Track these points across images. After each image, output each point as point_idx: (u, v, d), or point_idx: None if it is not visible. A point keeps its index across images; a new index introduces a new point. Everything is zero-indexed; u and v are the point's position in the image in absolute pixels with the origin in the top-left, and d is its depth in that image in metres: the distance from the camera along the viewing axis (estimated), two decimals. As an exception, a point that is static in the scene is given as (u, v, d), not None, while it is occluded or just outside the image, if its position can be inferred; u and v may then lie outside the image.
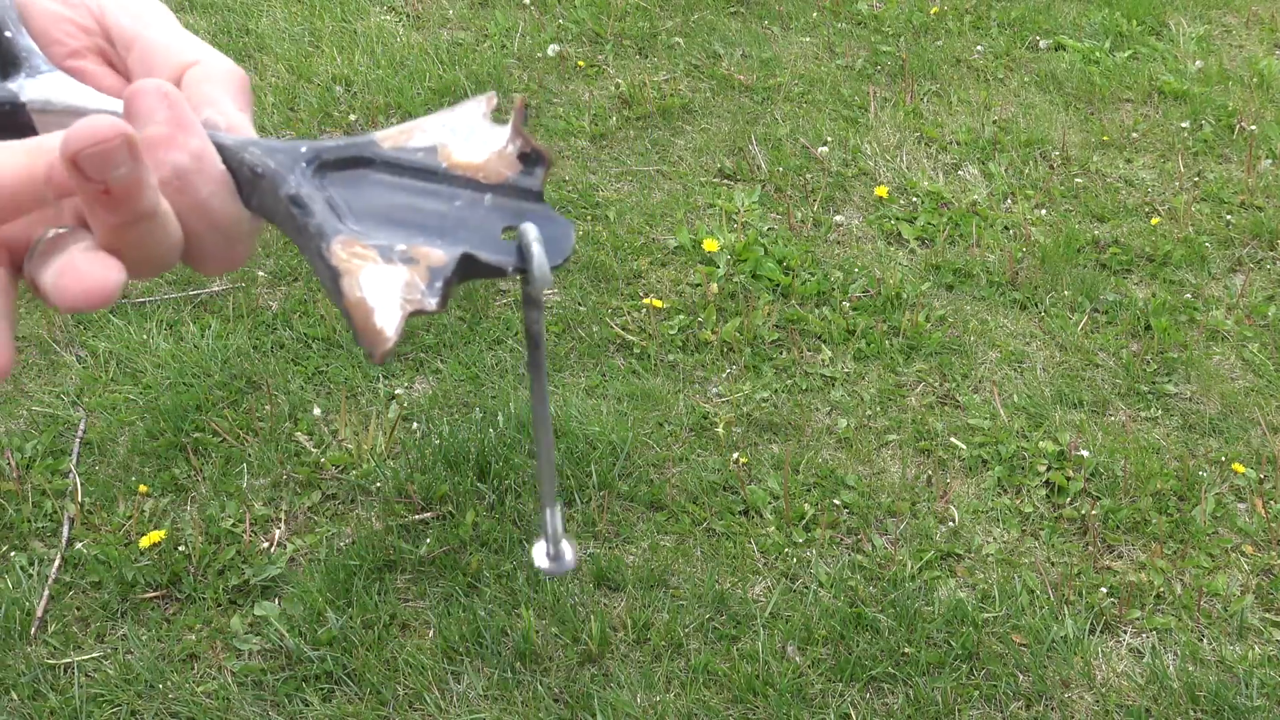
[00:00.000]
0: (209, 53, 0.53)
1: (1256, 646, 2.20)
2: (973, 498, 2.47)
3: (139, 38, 0.54)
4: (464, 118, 0.52)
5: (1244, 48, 4.34)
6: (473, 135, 0.51)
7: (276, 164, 0.50)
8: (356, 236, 0.48)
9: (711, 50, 4.08)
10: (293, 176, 0.49)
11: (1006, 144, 3.66)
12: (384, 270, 0.47)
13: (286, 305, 2.89)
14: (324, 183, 0.50)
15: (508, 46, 4.04)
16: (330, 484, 2.44)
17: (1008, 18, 4.43)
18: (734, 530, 2.37)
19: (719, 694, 2.07)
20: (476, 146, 0.51)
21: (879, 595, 2.25)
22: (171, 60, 0.53)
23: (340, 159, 0.51)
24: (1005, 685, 2.11)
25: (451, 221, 0.50)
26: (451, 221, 0.50)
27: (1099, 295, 3.05)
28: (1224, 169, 3.61)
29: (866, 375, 2.78)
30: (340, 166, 0.51)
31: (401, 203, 0.50)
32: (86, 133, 0.43)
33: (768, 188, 3.42)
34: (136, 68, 0.54)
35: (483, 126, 0.51)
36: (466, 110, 0.52)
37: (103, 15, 0.54)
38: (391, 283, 0.46)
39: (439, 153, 0.51)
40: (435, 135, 0.51)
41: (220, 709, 2.02)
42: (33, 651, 2.10)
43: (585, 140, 3.60)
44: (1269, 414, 2.71)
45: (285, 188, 0.49)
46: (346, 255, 0.47)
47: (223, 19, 4.10)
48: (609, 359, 2.79)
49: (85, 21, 0.55)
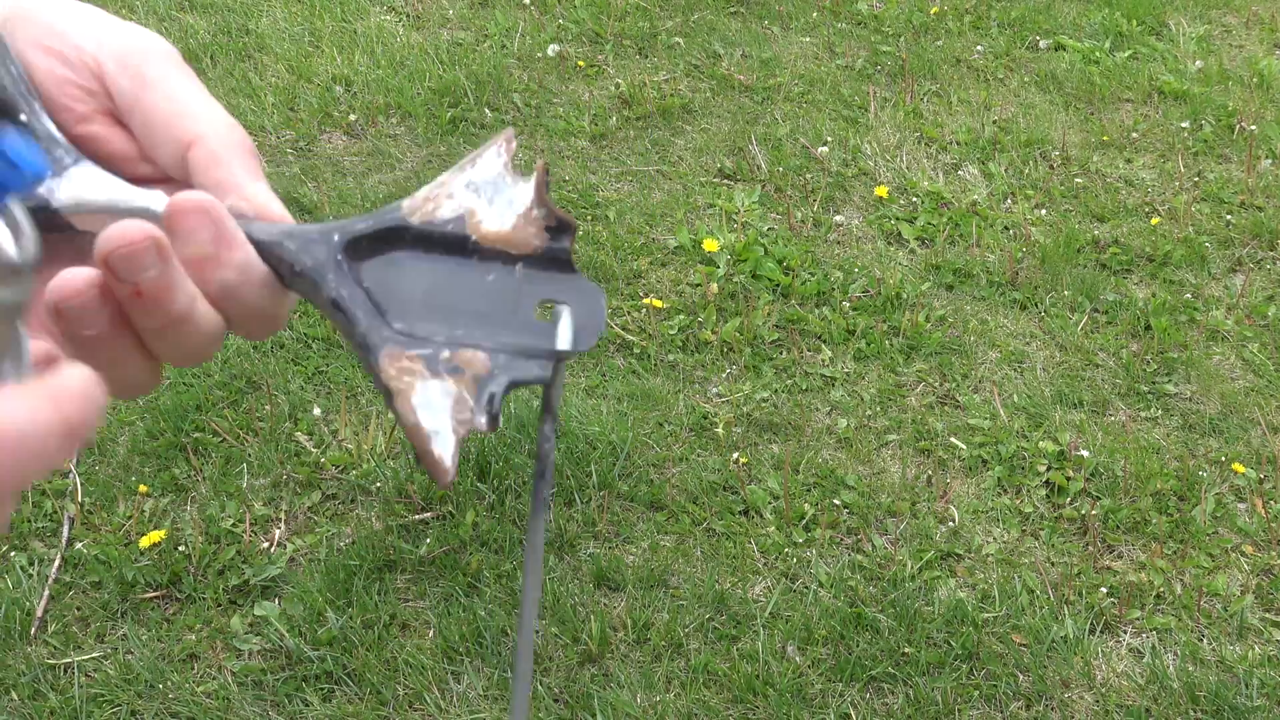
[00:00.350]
0: (212, 118, 0.52)
1: (1256, 646, 2.20)
2: (973, 498, 2.48)
3: (139, 103, 0.52)
4: (486, 172, 0.52)
5: (1244, 48, 4.34)
6: (498, 196, 0.52)
7: (314, 260, 0.50)
8: (402, 345, 0.49)
9: (711, 50, 4.08)
10: (331, 275, 0.50)
11: (1006, 144, 3.66)
12: (433, 388, 0.49)
13: (286, 305, 2.89)
14: (360, 271, 0.51)
15: (508, 46, 4.04)
16: (330, 484, 2.44)
17: (1008, 18, 4.43)
18: (734, 530, 2.37)
19: (719, 694, 2.07)
20: (503, 211, 0.52)
21: (879, 595, 2.25)
22: (174, 134, 0.51)
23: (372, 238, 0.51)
24: (1005, 685, 2.11)
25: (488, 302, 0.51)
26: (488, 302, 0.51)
27: (1099, 295, 3.05)
28: (1224, 169, 3.61)
29: (866, 375, 2.78)
30: (373, 247, 0.51)
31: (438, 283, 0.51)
32: (117, 236, 0.45)
33: (768, 188, 3.42)
34: (141, 136, 0.53)
35: (506, 183, 0.52)
36: (488, 162, 0.52)
37: (102, 75, 0.53)
38: (443, 402, 0.48)
39: (467, 222, 0.51)
40: (461, 199, 0.52)
41: (220, 709, 2.02)
42: (33, 651, 2.10)
43: (585, 140, 3.60)
44: (1269, 414, 2.71)
45: (325, 289, 0.50)
46: (395, 372, 0.49)
47: (223, 19, 4.10)
48: (609, 359, 2.79)
49: (88, 82, 0.53)
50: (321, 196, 3.24)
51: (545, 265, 0.52)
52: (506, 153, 0.52)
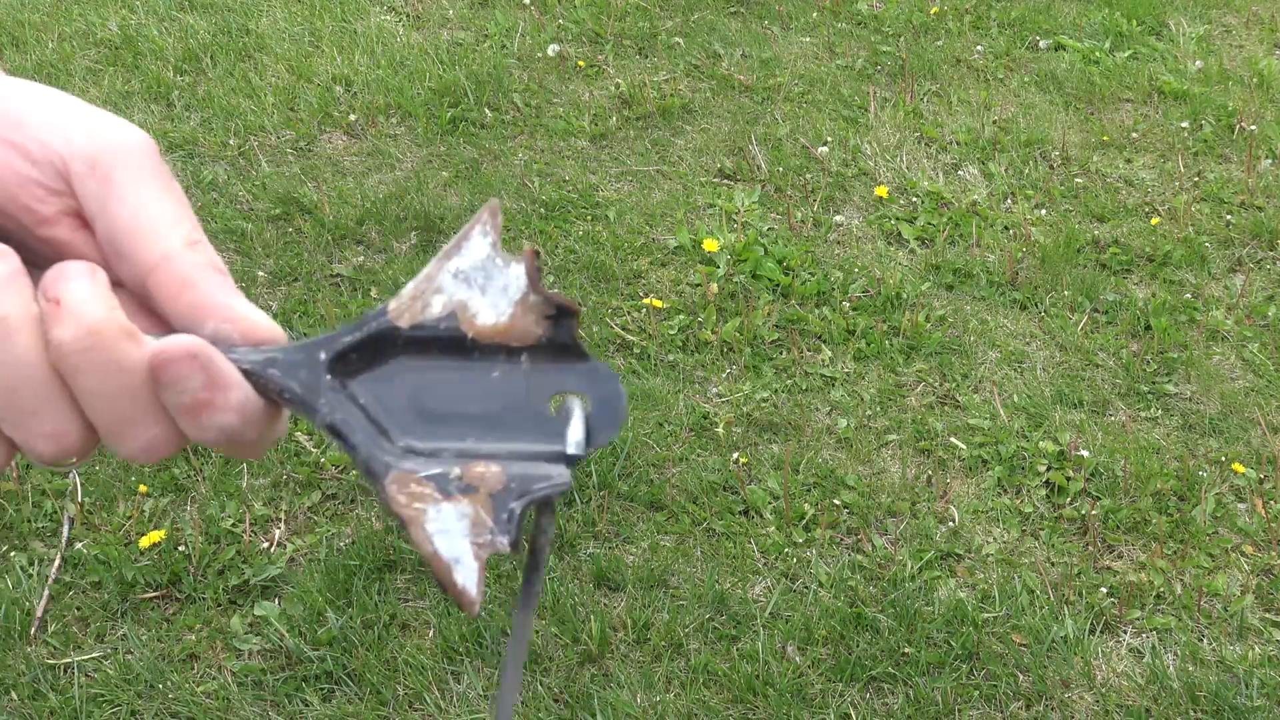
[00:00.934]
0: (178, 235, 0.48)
1: (1256, 646, 2.20)
2: (973, 498, 2.48)
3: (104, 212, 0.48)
4: (473, 257, 0.48)
5: (1244, 48, 4.34)
6: (490, 284, 0.48)
7: (301, 386, 0.48)
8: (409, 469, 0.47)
9: (711, 50, 4.08)
10: (322, 400, 0.48)
11: (1006, 144, 3.67)
12: (447, 512, 0.46)
13: (286, 305, 2.89)
14: (353, 387, 0.48)
15: (508, 46, 4.04)
16: (330, 484, 2.44)
17: (1008, 18, 4.43)
18: (734, 530, 2.37)
19: (719, 694, 2.07)
20: (497, 301, 0.48)
21: (879, 595, 2.25)
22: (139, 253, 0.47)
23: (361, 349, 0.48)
24: (1005, 685, 2.11)
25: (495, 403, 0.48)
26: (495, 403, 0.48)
27: (1099, 295, 3.05)
28: (1224, 169, 3.61)
29: (866, 375, 2.78)
30: (364, 358, 0.48)
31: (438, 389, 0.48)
32: None
33: (768, 188, 3.42)
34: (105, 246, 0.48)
35: (497, 267, 0.48)
36: (474, 246, 0.48)
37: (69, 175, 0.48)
38: (459, 526, 0.46)
39: (460, 318, 0.48)
40: (450, 292, 0.48)
41: (220, 709, 2.02)
42: (33, 651, 2.10)
43: (585, 140, 3.60)
44: (1269, 414, 2.71)
45: (319, 417, 0.48)
46: (405, 499, 0.47)
47: (223, 19, 4.10)
48: (609, 359, 2.79)
49: (52, 182, 0.48)
50: (321, 196, 3.24)
51: (553, 354, 0.49)
52: (493, 231, 0.48)
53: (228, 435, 0.47)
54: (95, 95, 3.66)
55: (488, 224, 0.48)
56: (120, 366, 0.45)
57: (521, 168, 3.45)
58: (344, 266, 3.03)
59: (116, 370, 0.45)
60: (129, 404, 0.46)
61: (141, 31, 3.98)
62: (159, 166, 0.49)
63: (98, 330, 0.44)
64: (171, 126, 3.53)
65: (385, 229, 3.16)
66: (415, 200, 3.26)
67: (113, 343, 0.45)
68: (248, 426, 0.47)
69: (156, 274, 0.47)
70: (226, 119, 3.58)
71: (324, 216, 3.18)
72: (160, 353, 0.45)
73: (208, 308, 0.47)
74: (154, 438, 0.47)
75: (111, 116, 0.49)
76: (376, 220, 3.18)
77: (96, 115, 0.49)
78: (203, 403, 0.46)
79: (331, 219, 3.17)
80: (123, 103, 3.63)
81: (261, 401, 0.48)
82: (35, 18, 4.05)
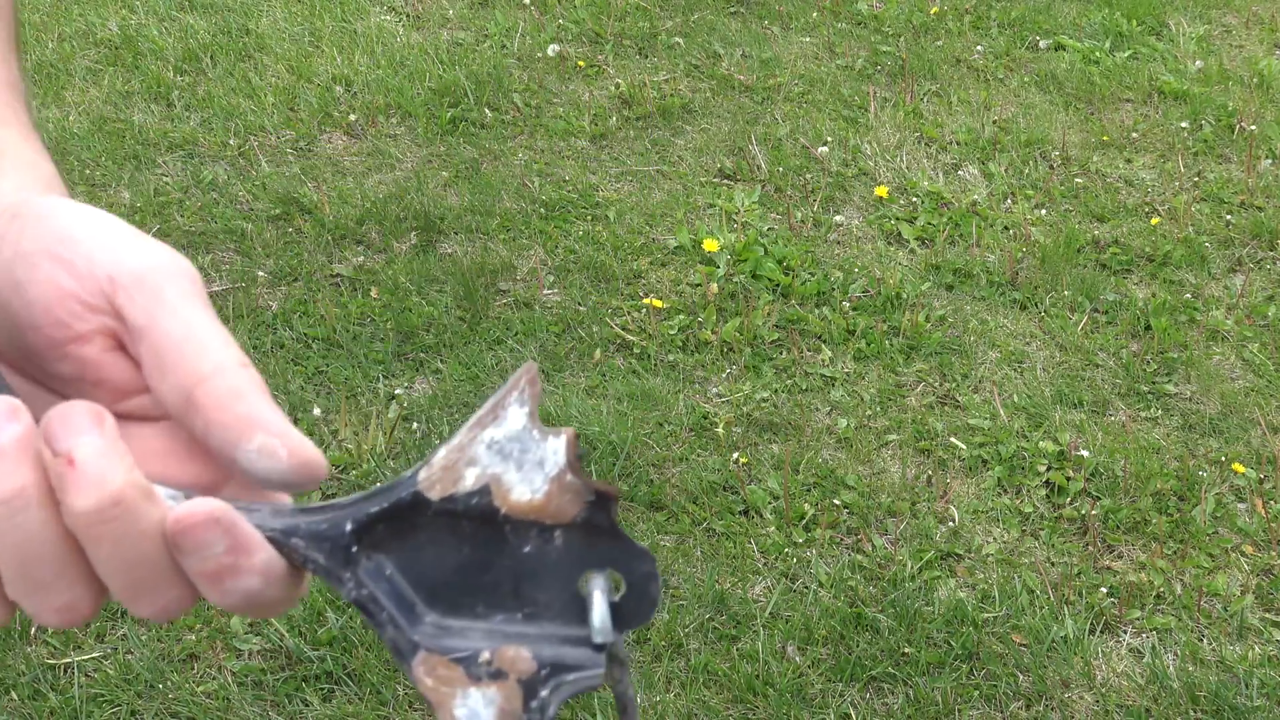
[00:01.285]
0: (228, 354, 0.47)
1: (1256, 646, 2.20)
2: (973, 498, 2.48)
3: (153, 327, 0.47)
4: (509, 429, 0.46)
5: (1244, 48, 4.34)
6: (525, 458, 0.46)
7: (326, 558, 0.46)
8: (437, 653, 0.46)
9: (711, 50, 4.08)
10: (348, 575, 0.46)
11: (1006, 144, 3.67)
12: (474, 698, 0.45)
13: (286, 305, 2.89)
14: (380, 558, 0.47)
15: (508, 46, 4.04)
16: (330, 484, 2.44)
17: (1008, 18, 4.43)
18: (734, 530, 2.37)
19: (719, 694, 2.07)
20: (533, 476, 0.46)
21: (879, 595, 2.25)
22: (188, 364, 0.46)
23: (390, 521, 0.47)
24: (1005, 685, 2.11)
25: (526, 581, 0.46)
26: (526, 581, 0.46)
27: (1099, 295, 3.05)
28: (1224, 169, 3.61)
29: (866, 375, 2.78)
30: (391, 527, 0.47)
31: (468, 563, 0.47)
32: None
33: (768, 188, 3.42)
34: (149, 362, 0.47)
35: (534, 441, 0.46)
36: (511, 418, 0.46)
37: (114, 292, 0.47)
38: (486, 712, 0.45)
39: (494, 493, 0.46)
40: (485, 465, 0.46)
41: (220, 709, 2.02)
42: (33, 651, 2.10)
43: (585, 140, 3.60)
44: (1269, 414, 2.71)
45: (344, 591, 0.46)
46: (433, 682, 0.45)
47: (223, 19, 4.10)
48: (609, 359, 2.79)
49: (94, 298, 0.47)
50: (321, 196, 3.24)
51: (587, 532, 0.47)
52: (531, 400, 0.46)
53: (250, 599, 0.45)
54: (95, 95, 3.66)
55: (526, 392, 0.46)
56: (141, 533, 0.43)
57: (521, 168, 3.45)
58: (344, 266, 3.03)
59: (137, 537, 0.43)
60: (149, 571, 0.44)
61: (141, 31, 3.98)
62: (204, 292, 0.48)
63: (121, 499, 0.42)
64: (171, 126, 3.53)
65: (385, 229, 3.16)
66: (415, 200, 3.26)
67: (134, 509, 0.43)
68: (270, 587, 0.45)
69: (209, 384, 0.46)
70: (226, 119, 3.58)
71: (324, 216, 3.18)
72: (182, 519, 0.43)
73: (259, 421, 0.45)
74: (171, 600, 0.45)
75: (158, 242, 0.49)
76: (376, 220, 3.18)
77: (145, 239, 0.49)
78: (226, 568, 0.44)
79: (331, 219, 3.17)
80: (123, 103, 3.63)
81: (285, 563, 0.46)
82: (35, 18, 4.05)
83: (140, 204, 3.21)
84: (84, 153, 3.39)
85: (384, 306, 2.90)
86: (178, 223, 3.15)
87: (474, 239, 3.15)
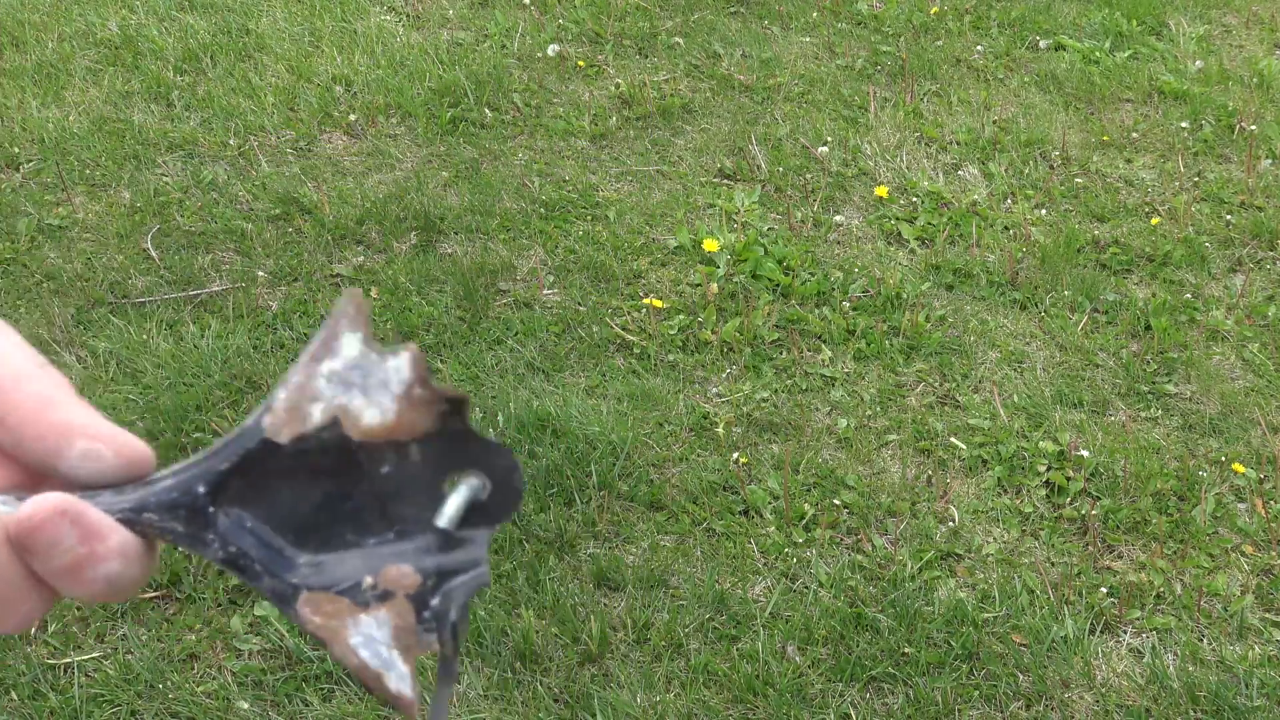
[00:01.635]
0: (26, 353, 0.44)
1: (1256, 646, 2.20)
2: (973, 498, 2.48)
3: None
4: (346, 357, 0.45)
5: (1244, 48, 4.34)
6: (368, 382, 0.45)
7: (184, 526, 0.45)
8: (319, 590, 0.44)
9: (711, 50, 4.08)
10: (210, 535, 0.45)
11: (1006, 144, 3.67)
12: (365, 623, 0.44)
13: (286, 305, 2.89)
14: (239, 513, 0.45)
15: (508, 46, 4.04)
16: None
17: (1008, 18, 4.43)
18: (734, 530, 2.37)
19: (719, 694, 2.07)
20: (380, 398, 0.45)
21: (879, 595, 2.25)
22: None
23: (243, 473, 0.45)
24: (1005, 685, 2.11)
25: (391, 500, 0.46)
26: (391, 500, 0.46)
27: (1099, 295, 3.05)
28: (1224, 169, 3.61)
29: (866, 375, 2.78)
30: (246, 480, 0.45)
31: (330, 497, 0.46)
32: None
33: (768, 188, 3.42)
34: None
35: (373, 363, 0.45)
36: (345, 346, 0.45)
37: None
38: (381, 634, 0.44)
39: (343, 423, 0.45)
40: (328, 398, 0.45)
41: (220, 709, 2.02)
42: (33, 651, 2.10)
43: (585, 140, 3.60)
44: (1269, 414, 2.71)
45: (210, 554, 0.45)
46: (321, 620, 0.44)
47: (223, 19, 4.10)
48: (609, 359, 2.79)
49: None
50: (321, 196, 3.24)
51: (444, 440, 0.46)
52: (364, 325, 0.45)
53: (112, 584, 0.43)
54: (95, 95, 3.66)
55: (355, 318, 0.45)
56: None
57: (521, 168, 3.45)
58: (344, 266, 3.03)
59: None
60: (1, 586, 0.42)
61: (141, 31, 3.98)
62: None
63: None
64: (171, 126, 3.53)
65: (385, 229, 3.16)
66: (415, 200, 3.26)
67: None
68: (130, 567, 0.43)
69: (13, 395, 0.43)
70: (226, 119, 3.58)
71: (324, 216, 3.18)
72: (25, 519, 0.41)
73: (75, 426, 0.43)
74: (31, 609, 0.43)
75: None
76: (376, 220, 3.18)
77: None
78: (83, 558, 0.42)
79: (331, 219, 3.17)
80: (123, 103, 3.63)
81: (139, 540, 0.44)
82: (35, 18, 4.05)
83: (140, 204, 3.21)
84: (84, 153, 3.39)
85: (384, 306, 2.90)
86: (178, 223, 3.15)
87: (474, 239, 3.15)
